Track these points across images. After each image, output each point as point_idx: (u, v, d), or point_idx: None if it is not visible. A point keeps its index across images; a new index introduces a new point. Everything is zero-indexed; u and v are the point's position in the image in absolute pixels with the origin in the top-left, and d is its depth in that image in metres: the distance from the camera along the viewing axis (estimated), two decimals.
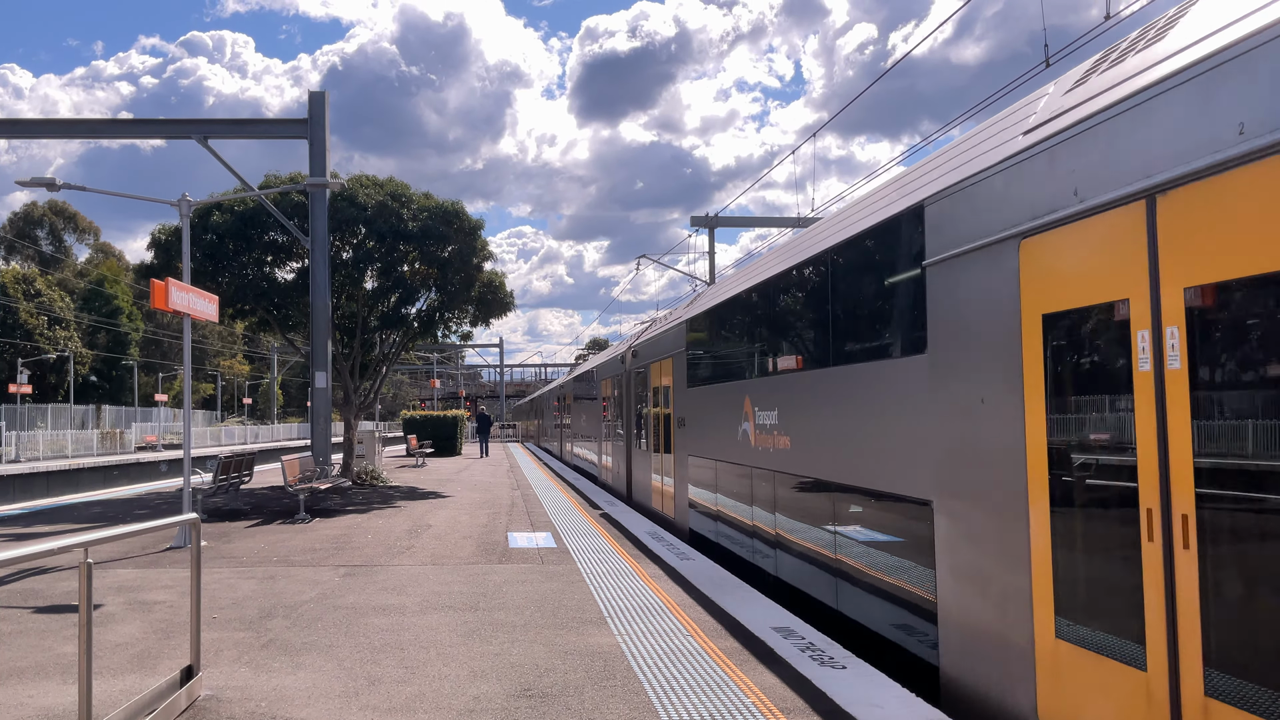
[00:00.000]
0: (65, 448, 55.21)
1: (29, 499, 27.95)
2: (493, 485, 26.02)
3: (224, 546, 14.11)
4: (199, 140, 21.87)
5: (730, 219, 38.46)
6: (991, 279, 6.13)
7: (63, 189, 16.59)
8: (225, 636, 8.35)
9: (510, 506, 19.81)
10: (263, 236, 24.63)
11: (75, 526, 16.81)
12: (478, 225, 25.33)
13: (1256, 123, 4.05)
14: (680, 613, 9.07)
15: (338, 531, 15.79)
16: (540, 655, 7.57)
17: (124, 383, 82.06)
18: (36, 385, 66.76)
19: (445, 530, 15.85)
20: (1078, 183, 5.26)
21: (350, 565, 12.30)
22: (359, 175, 25.95)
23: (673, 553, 12.87)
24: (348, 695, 6.57)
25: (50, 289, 73.54)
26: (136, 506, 20.48)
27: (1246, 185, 4.11)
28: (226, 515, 18.39)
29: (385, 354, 28.55)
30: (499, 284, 27.11)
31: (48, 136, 31.54)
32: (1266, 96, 4.01)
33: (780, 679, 6.78)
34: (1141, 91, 4.83)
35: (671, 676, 6.91)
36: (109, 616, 9.24)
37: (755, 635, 8.08)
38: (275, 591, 10.49)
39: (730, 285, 13.69)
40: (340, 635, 8.36)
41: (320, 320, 22.88)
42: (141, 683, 6.87)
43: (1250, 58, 4.13)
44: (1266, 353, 4.09)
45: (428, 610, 9.39)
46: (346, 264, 24.94)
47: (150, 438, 67.41)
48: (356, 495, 22.78)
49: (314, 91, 23.23)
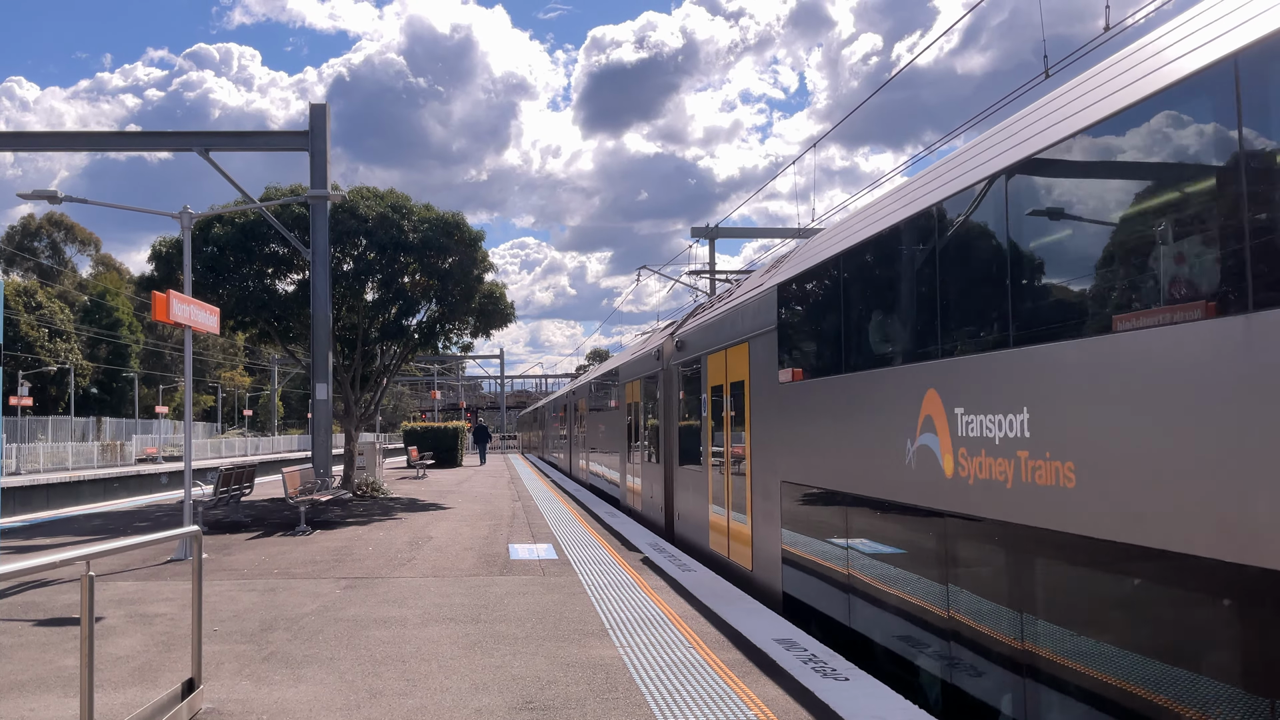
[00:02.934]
0: (66, 460, 55.16)
1: (29, 512, 27.91)
2: (493, 497, 25.99)
3: (225, 559, 14.09)
4: (200, 152, 21.92)
5: (730, 230, 38.50)
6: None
7: (64, 202, 16.61)
8: (226, 649, 8.33)
9: (511, 518, 19.79)
10: (263, 248, 24.67)
11: (76, 539, 16.79)
12: (478, 236, 25.38)
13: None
14: (682, 624, 9.05)
15: (339, 544, 15.77)
16: (542, 667, 7.55)
17: (124, 395, 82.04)
18: (37, 398, 66.71)
19: (446, 542, 15.82)
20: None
21: (351, 577, 12.28)
22: (360, 187, 26.02)
23: (674, 564, 12.85)
24: (349, 708, 6.55)
25: (51, 301, 73.56)
26: (137, 519, 20.46)
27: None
28: (227, 527, 18.36)
29: (386, 365, 28.56)
30: (499, 295, 27.14)
31: (50, 149, 31.62)
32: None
33: (783, 690, 6.76)
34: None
35: (674, 688, 6.89)
36: (110, 629, 9.22)
37: (757, 647, 8.06)
38: (276, 604, 10.47)
39: (881, 211, 8.39)
40: (341, 648, 8.34)
41: (321, 332, 22.89)
42: (143, 695, 6.85)
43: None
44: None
45: (429, 622, 9.37)
46: (347, 275, 24.97)
47: (151, 450, 67.37)
48: (357, 507, 22.75)
49: (315, 104, 23.30)
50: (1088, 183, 5.54)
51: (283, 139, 24.51)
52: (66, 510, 24.81)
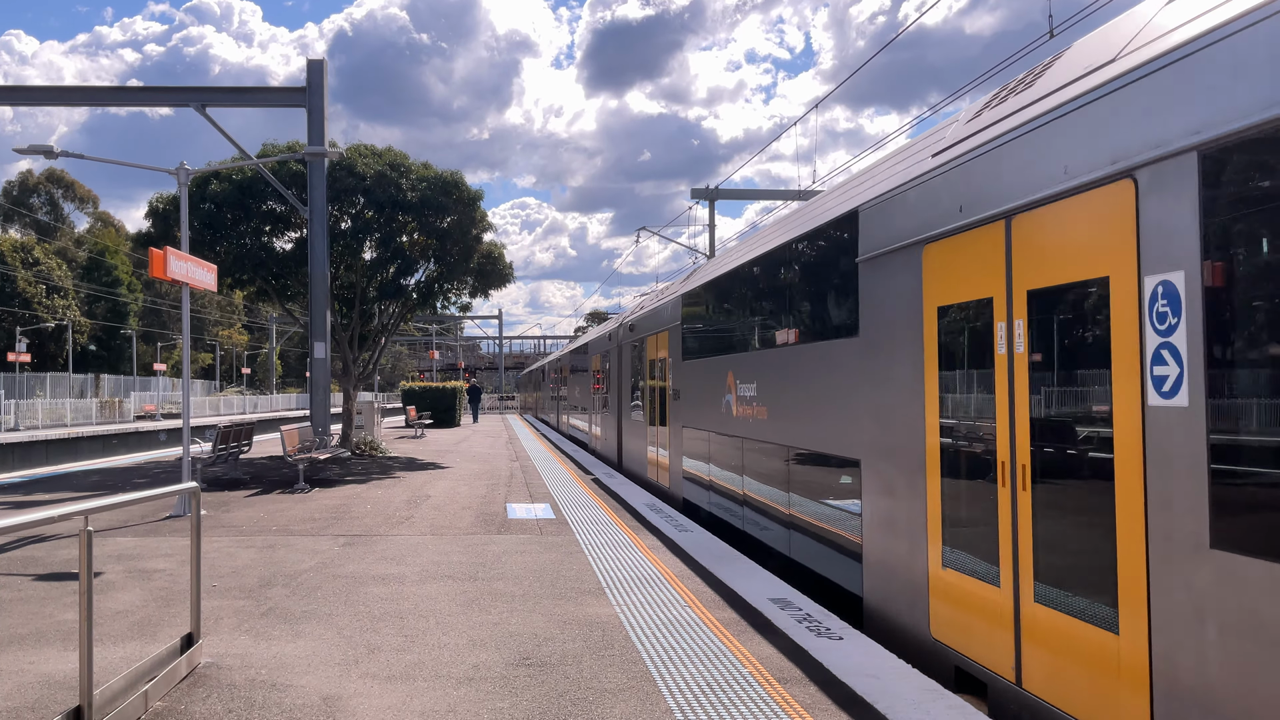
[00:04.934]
0: (64, 416, 55.28)
1: (28, 467, 28.00)
2: (491, 457, 26.07)
3: (223, 515, 14.15)
4: (196, 108, 21.71)
5: (730, 191, 38.32)
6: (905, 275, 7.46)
7: (60, 157, 16.50)
8: (225, 605, 8.38)
9: (509, 478, 19.86)
10: (261, 206, 24.54)
11: (74, 495, 16.85)
12: (477, 196, 25.23)
13: (1076, 164, 5.31)
14: (678, 583, 9.11)
15: (337, 501, 15.84)
16: (539, 625, 7.61)
17: (123, 352, 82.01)
18: (35, 354, 66.71)
19: (444, 501, 15.89)
20: (962, 201, 6.61)
21: (349, 535, 12.34)
22: (358, 145, 25.82)
23: (671, 524, 12.91)
24: (347, 663, 6.60)
25: (48, 258, 73.29)
26: (135, 475, 20.53)
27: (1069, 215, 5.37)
28: (226, 485, 18.43)
29: (384, 325, 28.52)
30: (498, 255, 27.04)
31: (45, 104, 31.34)
32: (1084, 143, 5.27)
33: (778, 649, 6.82)
34: (1003, 135, 6.14)
35: (669, 646, 6.94)
36: (109, 584, 9.28)
37: (753, 606, 8.12)
38: (274, 560, 10.53)
39: (720, 263, 14.53)
40: (339, 604, 8.40)
41: (319, 290, 22.83)
42: (142, 650, 6.90)
43: (1070, 119, 5.43)
44: (1082, 339, 5.35)
45: (427, 580, 9.43)
46: (345, 234, 24.85)
47: (149, 407, 67.45)
48: (355, 466, 22.83)
49: (312, 60, 23.05)
50: (778, 273, 10.93)
51: (280, 95, 24.28)
52: (65, 466, 24.89)
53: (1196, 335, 4.44)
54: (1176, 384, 4.56)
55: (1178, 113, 4.60)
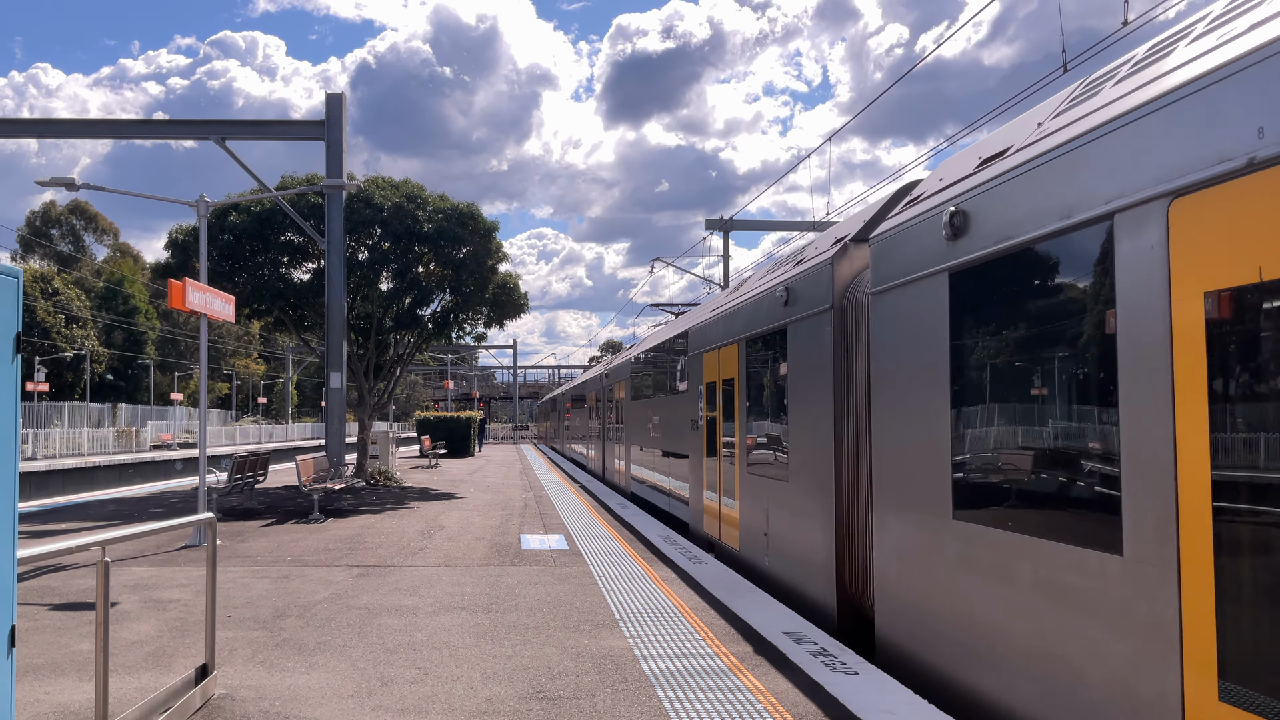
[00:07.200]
0: (81, 446, 55.56)
1: (45, 496, 28.13)
2: (505, 487, 26.07)
3: (238, 546, 14.18)
4: (217, 141, 22.00)
5: (744, 222, 38.40)
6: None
7: (81, 189, 16.70)
8: (239, 635, 8.39)
9: (523, 508, 19.85)
10: (279, 237, 24.77)
11: (91, 524, 16.93)
12: (493, 227, 25.40)
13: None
14: (692, 616, 9.07)
15: (351, 532, 15.85)
16: (552, 658, 7.58)
17: (140, 381, 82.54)
18: (53, 383, 67.16)
19: (458, 531, 15.89)
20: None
21: (364, 565, 12.34)
22: (375, 177, 26.08)
23: (685, 556, 12.87)
24: (361, 695, 6.59)
25: (68, 288, 74.01)
26: (151, 505, 20.61)
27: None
28: (241, 514, 18.48)
29: (400, 355, 28.64)
30: (514, 285, 27.18)
31: (70, 136, 31.75)
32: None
33: (793, 684, 6.77)
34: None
35: (684, 680, 6.91)
36: (124, 614, 9.30)
37: (767, 639, 8.08)
38: (289, 591, 10.54)
39: (645, 344, 23.74)
40: (353, 635, 8.39)
41: (335, 321, 22.97)
42: (157, 681, 6.91)
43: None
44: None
45: (440, 611, 9.42)
46: (362, 265, 25.04)
47: (166, 436, 67.78)
48: (370, 496, 22.86)
49: (331, 94, 23.34)
50: (670, 361, 18.20)
51: (299, 128, 24.58)
52: (82, 495, 25.01)
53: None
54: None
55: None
